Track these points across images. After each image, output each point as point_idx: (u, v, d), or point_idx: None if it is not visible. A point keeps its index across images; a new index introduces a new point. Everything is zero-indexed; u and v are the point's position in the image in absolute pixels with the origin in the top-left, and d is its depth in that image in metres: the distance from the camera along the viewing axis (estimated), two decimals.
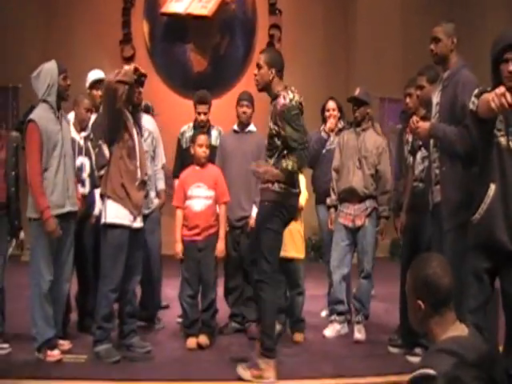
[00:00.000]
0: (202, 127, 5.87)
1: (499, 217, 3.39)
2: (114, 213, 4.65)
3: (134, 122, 4.79)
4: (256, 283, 4.38)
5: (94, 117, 5.45)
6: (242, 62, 11.14)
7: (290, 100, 4.30)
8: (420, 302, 2.39)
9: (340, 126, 5.97)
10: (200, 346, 5.08)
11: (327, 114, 5.94)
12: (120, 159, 4.68)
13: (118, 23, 11.17)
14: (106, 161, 4.81)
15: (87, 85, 5.62)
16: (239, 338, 5.41)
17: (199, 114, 5.92)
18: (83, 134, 5.35)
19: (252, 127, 5.66)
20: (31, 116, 4.65)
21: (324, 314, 6.22)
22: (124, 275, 4.69)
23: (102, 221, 4.67)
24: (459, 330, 2.37)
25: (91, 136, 5.40)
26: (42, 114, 4.67)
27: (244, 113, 5.58)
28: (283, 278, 5.24)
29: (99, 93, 5.41)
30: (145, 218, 5.08)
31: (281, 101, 4.32)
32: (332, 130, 5.88)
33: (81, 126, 5.33)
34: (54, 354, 4.69)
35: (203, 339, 5.11)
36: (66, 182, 4.72)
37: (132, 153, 4.74)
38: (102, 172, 4.99)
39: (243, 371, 4.33)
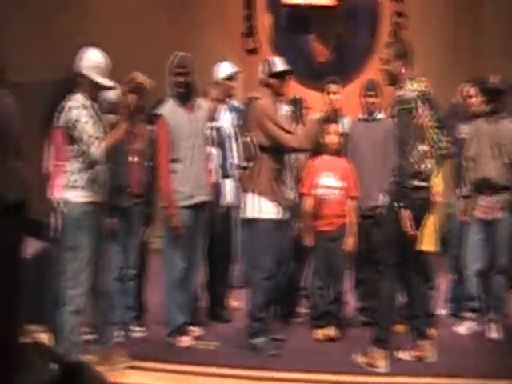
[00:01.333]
0: (335, 111, 5.71)
1: None
2: (262, 207, 4.70)
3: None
4: (377, 273, 4.40)
5: (221, 106, 5.49)
6: (366, 50, 10.94)
7: (408, 90, 4.20)
8: None
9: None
10: (328, 338, 5.05)
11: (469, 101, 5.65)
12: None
13: (241, 16, 11.28)
14: (253, 154, 4.86)
15: (220, 76, 5.69)
16: (368, 331, 5.32)
17: (328, 93, 5.74)
18: (212, 124, 5.42)
19: (380, 114, 5.54)
20: (160, 111, 4.81)
21: (443, 311, 5.80)
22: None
23: (250, 215, 4.73)
24: None
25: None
26: (170, 108, 4.83)
27: (373, 103, 5.48)
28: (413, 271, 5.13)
29: (233, 84, 5.53)
30: None
31: (399, 92, 4.25)
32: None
33: (209, 116, 5.41)
34: (184, 340, 4.81)
35: (331, 331, 5.06)
36: (198, 173, 4.83)
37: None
38: (245, 164, 5.05)
39: (359, 357, 4.42)
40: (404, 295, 4.71)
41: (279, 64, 4.99)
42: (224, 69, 5.70)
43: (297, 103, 5.83)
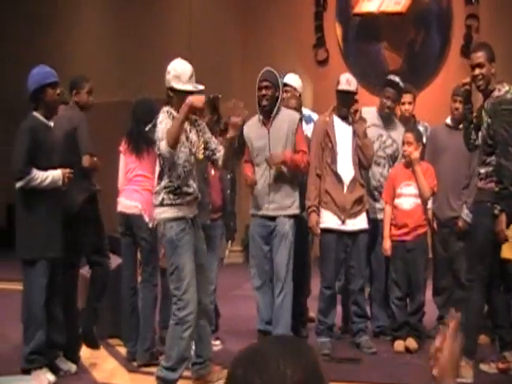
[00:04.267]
0: (407, 118, 5.67)
1: None
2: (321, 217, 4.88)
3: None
4: (466, 282, 4.32)
5: None
6: (439, 56, 10.76)
7: (506, 92, 4.09)
8: None
9: None
10: (408, 350, 4.95)
11: None
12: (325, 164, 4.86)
13: (311, 27, 11.30)
14: None
15: (299, 87, 5.57)
16: None
17: (403, 104, 5.66)
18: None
19: None
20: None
21: None
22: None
23: None
24: None
25: None
26: (248, 124, 4.95)
27: (456, 109, 5.25)
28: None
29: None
30: None
31: (495, 93, 4.14)
32: None
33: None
34: None
35: (411, 342, 4.96)
36: (266, 187, 4.90)
37: (333, 156, 4.92)
38: None
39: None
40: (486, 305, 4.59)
41: (342, 83, 5.04)
42: (298, 80, 5.69)
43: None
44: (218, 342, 5.10)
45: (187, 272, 3.95)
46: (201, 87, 4.10)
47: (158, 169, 4.15)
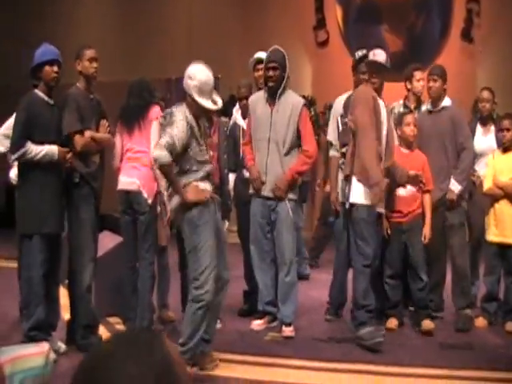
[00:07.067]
0: (418, 97, 5.61)
1: None
2: (360, 193, 4.67)
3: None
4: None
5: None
6: (439, 39, 10.71)
7: None
8: None
9: None
10: (426, 333, 4.96)
11: None
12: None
13: (311, 9, 11.23)
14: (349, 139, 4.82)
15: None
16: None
17: (418, 80, 5.58)
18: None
19: (446, 101, 5.29)
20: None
21: None
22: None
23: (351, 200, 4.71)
24: None
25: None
26: (253, 98, 5.03)
27: (430, 88, 5.23)
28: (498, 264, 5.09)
29: (260, 73, 5.33)
30: None
31: None
32: None
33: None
34: (258, 324, 5.07)
35: (428, 324, 5.00)
36: (263, 166, 4.90)
37: (379, 134, 4.75)
38: (344, 150, 4.99)
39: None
40: None
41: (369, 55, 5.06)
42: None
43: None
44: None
45: (205, 251, 3.97)
46: (219, 103, 4.10)
47: None
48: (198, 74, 3.99)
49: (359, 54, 5.25)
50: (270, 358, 4.44)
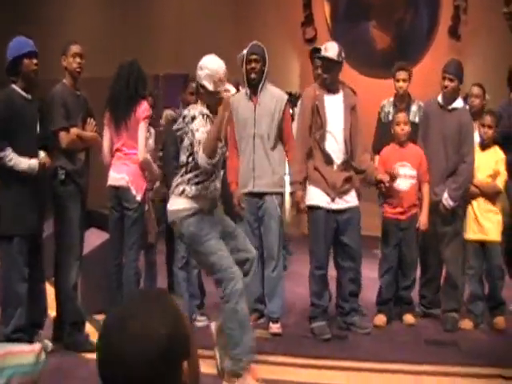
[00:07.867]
0: (402, 96, 5.66)
1: None
2: (312, 195, 4.80)
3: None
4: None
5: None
6: (427, 35, 10.74)
7: None
8: None
9: None
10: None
11: None
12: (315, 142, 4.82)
13: (299, 5, 11.22)
14: None
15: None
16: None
17: (398, 81, 5.66)
18: None
19: (458, 103, 5.14)
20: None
21: None
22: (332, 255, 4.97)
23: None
24: None
25: None
26: (234, 98, 4.79)
27: (446, 87, 5.05)
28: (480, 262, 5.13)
29: None
30: None
31: None
32: None
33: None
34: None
35: (409, 318, 5.15)
36: (250, 163, 4.87)
37: (323, 134, 4.82)
38: None
39: None
40: None
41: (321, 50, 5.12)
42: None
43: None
44: (203, 318, 5.14)
45: (216, 256, 3.86)
46: (233, 90, 4.00)
47: (183, 159, 3.97)
48: (208, 63, 3.96)
49: (327, 49, 5.09)
50: (257, 354, 4.43)
